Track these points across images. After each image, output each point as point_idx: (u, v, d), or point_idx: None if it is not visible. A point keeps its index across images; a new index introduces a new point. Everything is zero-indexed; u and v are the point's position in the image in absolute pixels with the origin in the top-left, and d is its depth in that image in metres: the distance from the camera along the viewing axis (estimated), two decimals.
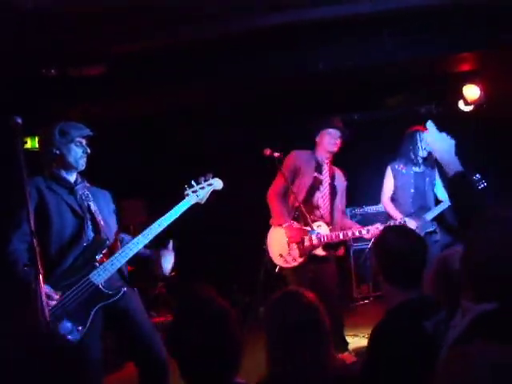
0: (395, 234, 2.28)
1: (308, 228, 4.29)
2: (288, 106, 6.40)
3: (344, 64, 5.23)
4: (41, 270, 2.30)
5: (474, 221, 1.67)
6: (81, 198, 3.05)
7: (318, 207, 4.49)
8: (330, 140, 4.58)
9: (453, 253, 2.55)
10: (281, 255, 4.38)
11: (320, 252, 4.45)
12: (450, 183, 2.16)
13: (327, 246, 4.48)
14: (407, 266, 2.18)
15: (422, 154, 4.97)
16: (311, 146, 7.07)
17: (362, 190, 6.79)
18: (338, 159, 7.11)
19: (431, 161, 5.02)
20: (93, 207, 3.05)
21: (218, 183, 3.31)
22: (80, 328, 2.76)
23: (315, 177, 4.51)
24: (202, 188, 3.23)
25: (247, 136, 5.13)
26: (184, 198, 3.20)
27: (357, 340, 5.24)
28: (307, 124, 4.78)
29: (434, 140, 2.25)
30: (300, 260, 4.37)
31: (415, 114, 6.89)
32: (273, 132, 6.08)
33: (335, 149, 4.60)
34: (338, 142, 4.58)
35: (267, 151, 4.44)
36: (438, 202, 5.11)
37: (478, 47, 5.29)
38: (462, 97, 6.17)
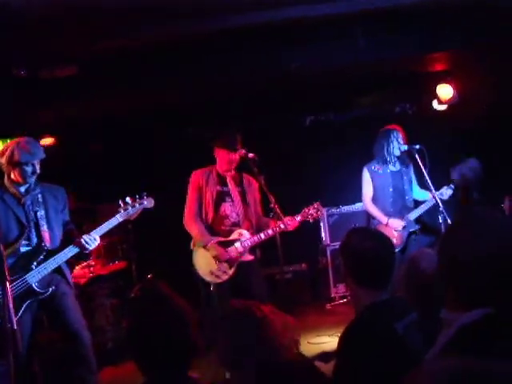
0: (359, 237, 2.27)
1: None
2: (261, 106, 6.38)
3: (317, 64, 5.23)
4: (8, 277, 2.26)
5: (454, 221, 1.61)
6: (28, 207, 3.59)
7: (227, 216, 4.53)
8: (224, 157, 4.51)
9: (421, 253, 2.56)
10: (211, 272, 4.41)
11: (247, 257, 4.51)
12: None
13: (253, 250, 4.55)
14: (374, 267, 2.17)
15: (396, 152, 4.97)
16: (286, 145, 7.15)
17: (339, 190, 6.82)
18: (313, 159, 7.18)
19: (405, 159, 5.03)
20: (39, 214, 3.60)
21: (148, 202, 3.76)
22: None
23: (218, 190, 4.54)
24: (134, 206, 3.69)
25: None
26: (117, 213, 3.67)
27: (335, 339, 5.23)
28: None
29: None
30: (231, 272, 4.43)
31: (390, 114, 6.93)
32: (247, 132, 6.08)
33: (232, 165, 4.55)
34: (235, 157, 4.47)
35: (241, 152, 4.42)
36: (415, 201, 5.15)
37: (450, 47, 5.34)
38: (435, 96, 6.23)
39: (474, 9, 4.65)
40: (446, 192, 4.91)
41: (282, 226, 4.32)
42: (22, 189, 3.63)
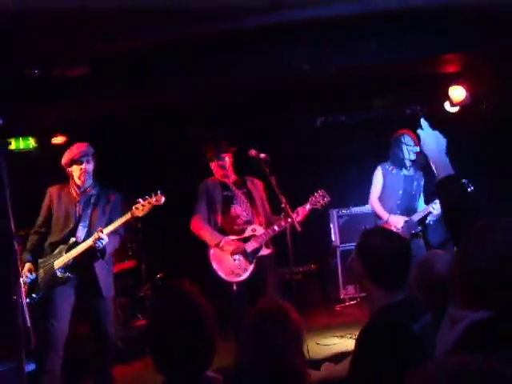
0: (378, 236, 2.26)
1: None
2: (273, 107, 6.38)
3: (329, 65, 5.22)
4: (21, 273, 2.26)
5: (469, 225, 1.64)
6: (79, 206, 4.10)
7: (238, 216, 4.61)
8: (215, 166, 4.69)
9: (434, 255, 2.55)
10: (232, 272, 4.44)
11: (265, 251, 4.54)
12: (438, 185, 2.12)
13: (268, 243, 4.58)
14: (392, 267, 2.16)
15: (409, 156, 4.99)
16: (296, 146, 7.13)
17: (349, 191, 6.81)
18: (323, 160, 7.16)
19: (419, 164, 5.04)
20: (85, 213, 4.08)
21: (158, 200, 3.97)
22: (34, 295, 3.92)
23: (224, 195, 4.66)
24: (143, 205, 3.95)
25: (231, 136, 5.12)
26: (129, 211, 3.97)
27: (344, 341, 5.25)
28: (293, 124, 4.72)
29: (426, 137, 2.20)
30: (251, 267, 4.45)
31: (401, 116, 6.90)
32: (257, 132, 6.10)
33: (226, 170, 4.66)
34: (224, 162, 4.64)
35: (253, 152, 4.45)
36: None
37: (463, 48, 5.31)
38: (447, 98, 6.19)
39: (488, 10, 4.62)
40: (436, 206, 4.88)
41: (295, 215, 4.40)
42: (81, 189, 4.15)
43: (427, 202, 5.10)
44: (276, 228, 4.45)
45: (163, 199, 3.96)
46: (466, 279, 1.48)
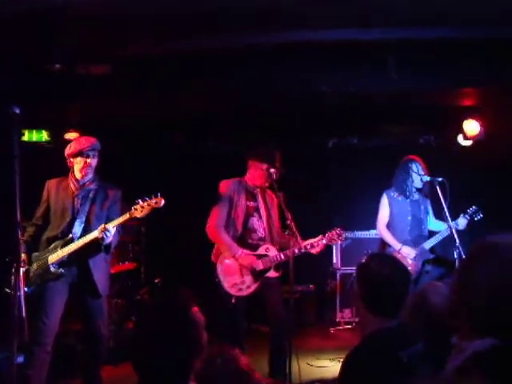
0: (379, 262, 2.25)
1: (262, 252, 4.45)
2: (288, 126, 6.39)
3: (347, 88, 5.24)
4: (22, 263, 2.26)
5: (471, 249, 1.60)
6: (77, 200, 4.01)
7: (255, 230, 4.54)
8: (262, 172, 4.52)
9: (430, 286, 2.53)
10: (235, 284, 4.39)
11: (272, 274, 4.48)
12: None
13: (278, 266, 4.51)
14: (388, 294, 2.15)
15: (417, 184, 4.98)
16: (306, 166, 7.14)
17: (355, 216, 6.79)
18: (332, 182, 7.16)
19: (425, 190, 5.04)
20: (82, 208, 3.99)
21: (158, 202, 3.86)
22: (26, 289, 3.58)
23: (248, 205, 4.55)
24: (142, 207, 3.85)
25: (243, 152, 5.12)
26: (129, 210, 3.89)
27: (336, 364, 5.20)
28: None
29: None
30: (254, 286, 4.41)
31: (414, 144, 6.91)
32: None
33: (268, 181, 4.53)
34: (273, 176, 4.47)
35: (264, 166, 4.45)
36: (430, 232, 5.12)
37: (480, 83, 5.32)
38: (461, 131, 6.20)
39: (507, 45, 4.62)
40: (462, 221, 4.87)
41: (309, 247, 4.36)
42: (79, 183, 4.06)
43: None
44: (289, 254, 4.31)
45: (163, 202, 3.86)
46: (467, 304, 1.43)
